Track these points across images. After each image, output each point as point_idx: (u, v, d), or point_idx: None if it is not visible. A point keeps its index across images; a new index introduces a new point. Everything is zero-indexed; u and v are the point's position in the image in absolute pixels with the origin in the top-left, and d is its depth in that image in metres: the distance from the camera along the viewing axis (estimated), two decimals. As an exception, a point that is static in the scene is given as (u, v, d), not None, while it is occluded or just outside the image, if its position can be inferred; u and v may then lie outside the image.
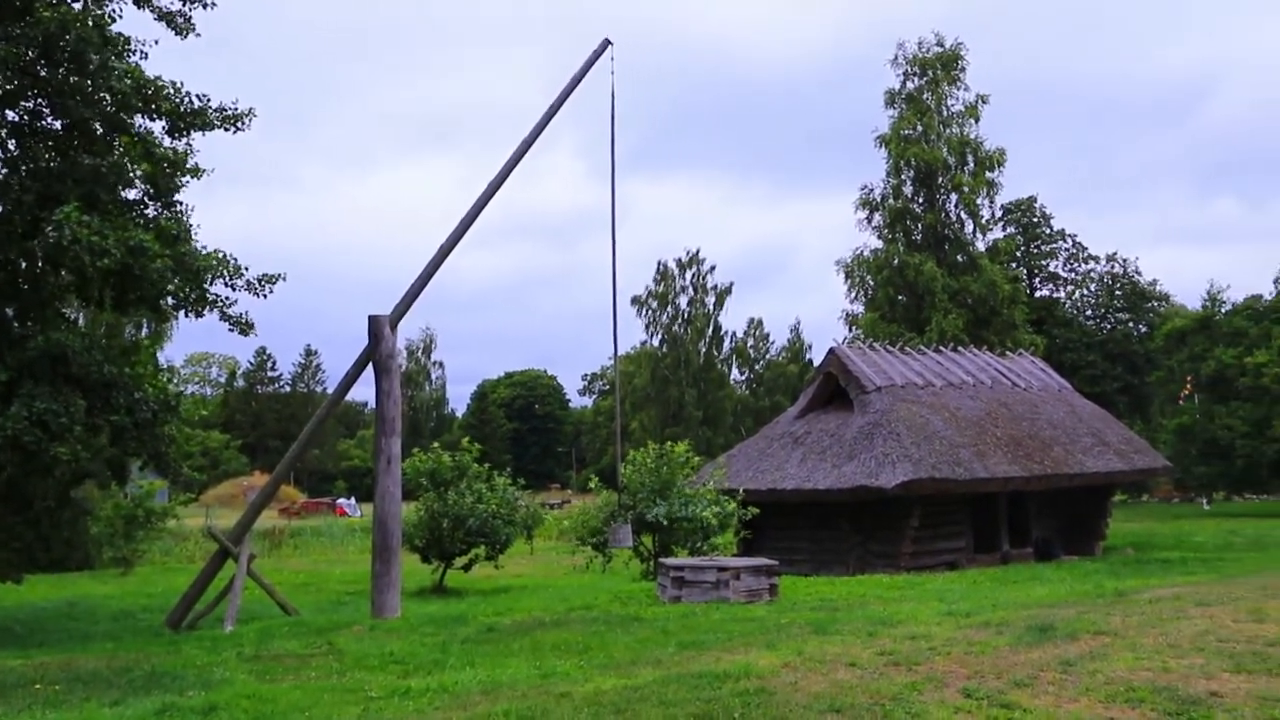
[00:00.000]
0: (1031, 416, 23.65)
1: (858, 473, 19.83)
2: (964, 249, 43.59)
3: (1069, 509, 24.28)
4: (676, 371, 74.87)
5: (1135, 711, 6.11)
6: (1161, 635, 8.58)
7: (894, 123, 43.89)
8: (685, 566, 13.39)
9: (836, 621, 10.41)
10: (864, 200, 44.98)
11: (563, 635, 10.46)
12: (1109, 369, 61.75)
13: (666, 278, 77.54)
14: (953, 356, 25.65)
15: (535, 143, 15.41)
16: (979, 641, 8.62)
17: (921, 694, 6.67)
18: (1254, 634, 8.50)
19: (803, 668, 7.68)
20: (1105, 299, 67.98)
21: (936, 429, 21.06)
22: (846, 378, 22.81)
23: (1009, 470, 20.92)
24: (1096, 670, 7.22)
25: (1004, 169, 43.65)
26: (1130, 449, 24.61)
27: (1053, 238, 68.27)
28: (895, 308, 43.07)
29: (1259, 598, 10.81)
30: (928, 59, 44.05)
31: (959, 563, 20.89)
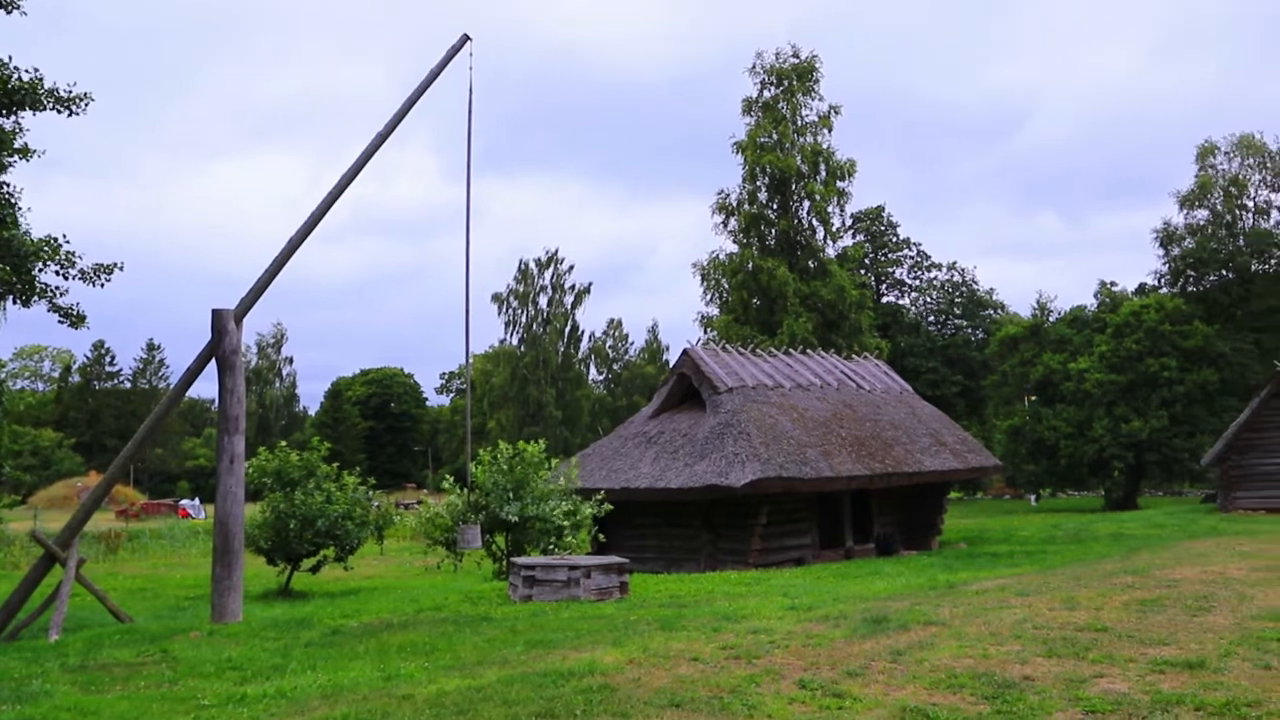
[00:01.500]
0: (875, 418, 24.59)
1: (709, 472, 20.21)
2: (815, 255, 44.92)
3: (909, 506, 25.39)
4: (535, 371, 74.67)
5: (956, 696, 6.47)
6: (984, 624, 9.09)
7: (751, 130, 44.87)
8: (537, 565, 13.40)
9: (683, 618, 10.62)
10: (720, 205, 45.84)
11: (410, 637, 10.33)
12: (948, 373, 64.79)
13: (526, 276, 77.30)
14: (802, 359, 26.43)
15: (390, 137, 15.15)
16: (817, 634, 8.94)
17: (759, 686, 6.89)
18: (1066, 621, 9.11)
19: (647, 664, 7.82)
20: (946, 306, 71.25)
21: (785, 429, 21.67)
22: (700, 378, 23.23)
23: (853, 469, 21.71)
24: (924, 659, 7.60)
25: (854, 179, 45.19)
26: (965, 449, 25.88)
27: (899, 246, 71.18)
28: (749, 310, 44.03)
29: (1072, 587, 11.58)
30: (784, 69, 45.20)
31: (805, 559, 21.54)
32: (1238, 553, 15.47)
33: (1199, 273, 57.42)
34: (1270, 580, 11.55)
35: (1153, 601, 10.11)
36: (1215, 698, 6.15)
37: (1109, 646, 7.84)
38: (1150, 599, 10.28)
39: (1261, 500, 31.35)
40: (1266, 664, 7.07)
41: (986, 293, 71.88)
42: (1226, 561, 13.99)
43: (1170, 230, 58.96)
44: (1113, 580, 12.13)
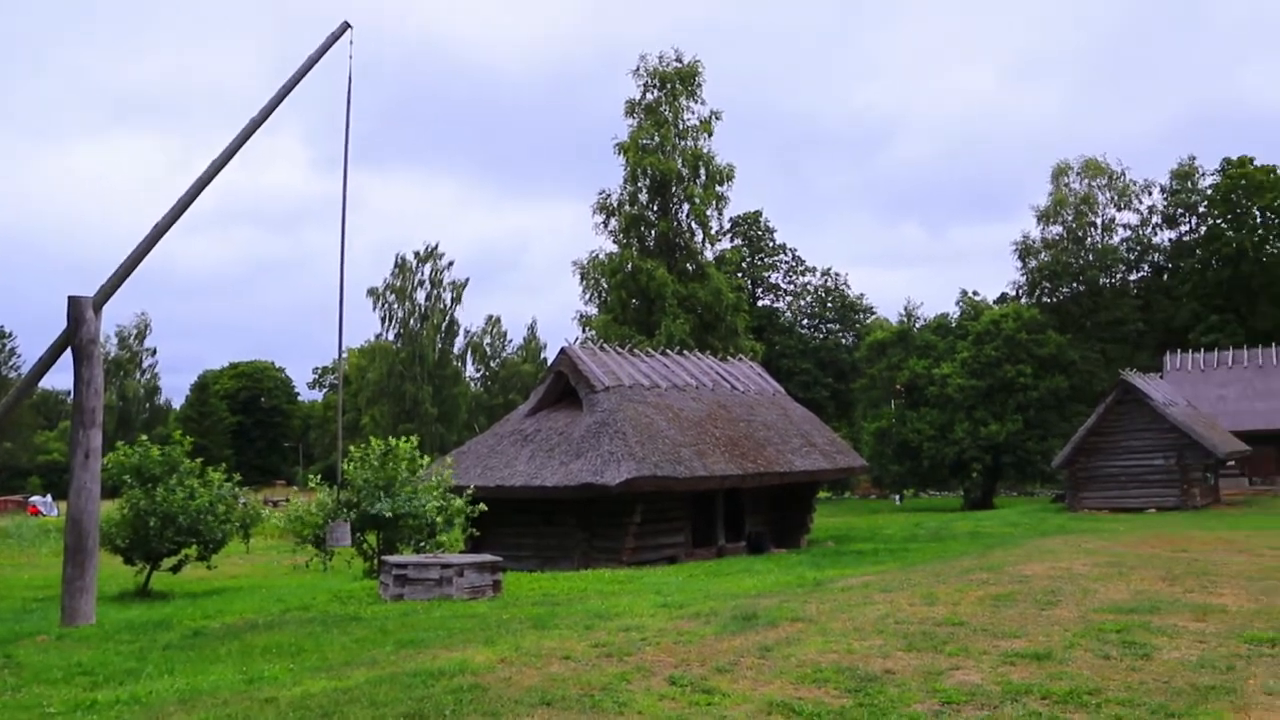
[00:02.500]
0: (748, 418, 25.05)
1: (584, 470, 20.24)
2: (694, 257, 45.50)
3: (779, 505, 25.95)
4: (411, 367, 73.45)
5: (821, 690, 6.66)
6: (849, 620, 9.38)
7: (633, 132, 45.14)
8: (408, 564, 13.20)
9: (556, 616, 10.62)
10: (601, 205, 45.98)
11: (275, 638, 10.04)
12: (820, 375, 66.53)
13: (404, 271, 75.96)
14: (679, 360, 26.73)
15: (264, 124, 14.69)
16: (688, 631, 9.07)
17: (630, 683, 6.95)
18: (925, 616, 9.48)
19: (518, 663, 7.80)
20: (819, 310, 73.12)
21: (661, 429, 21.88)
22: (577, 377, 23.24)
23: (726, 469, 22.07)
24: (791, 654, 7.80)
25: (733, 183, 45.99)
26: (834, 450, 26.62)
27: (775, 251, 72.71)
28: (627, 311, 44.28)
29: (932, 584, 12.05)
30: (667, 72, 45.60)
31: (678, 556, 21.78)
32: (1083, 550, 16.32)
33: (1053, 285, 60.60)
34: (1111, 576, 12.24)
35: (1005, 596, 10.60)
36: (1060, 687, 6.51)
37: (965, 640, 8.19)
38: (1003, 594, 10.78)
39: (1105, 500, 33.20)
40: (1106, 654, 7.50)
41: (858, 298, 74.13)
42: (1073, 558, 14.75)
43: (1028, 244, 62.07)
44: (969, 577, 12.66)
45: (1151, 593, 10.69)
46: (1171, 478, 32.52)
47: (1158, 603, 9.92)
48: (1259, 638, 8.04)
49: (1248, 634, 8.21)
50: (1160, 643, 7.91)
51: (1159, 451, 32.84)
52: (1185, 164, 62.06)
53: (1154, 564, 13.50)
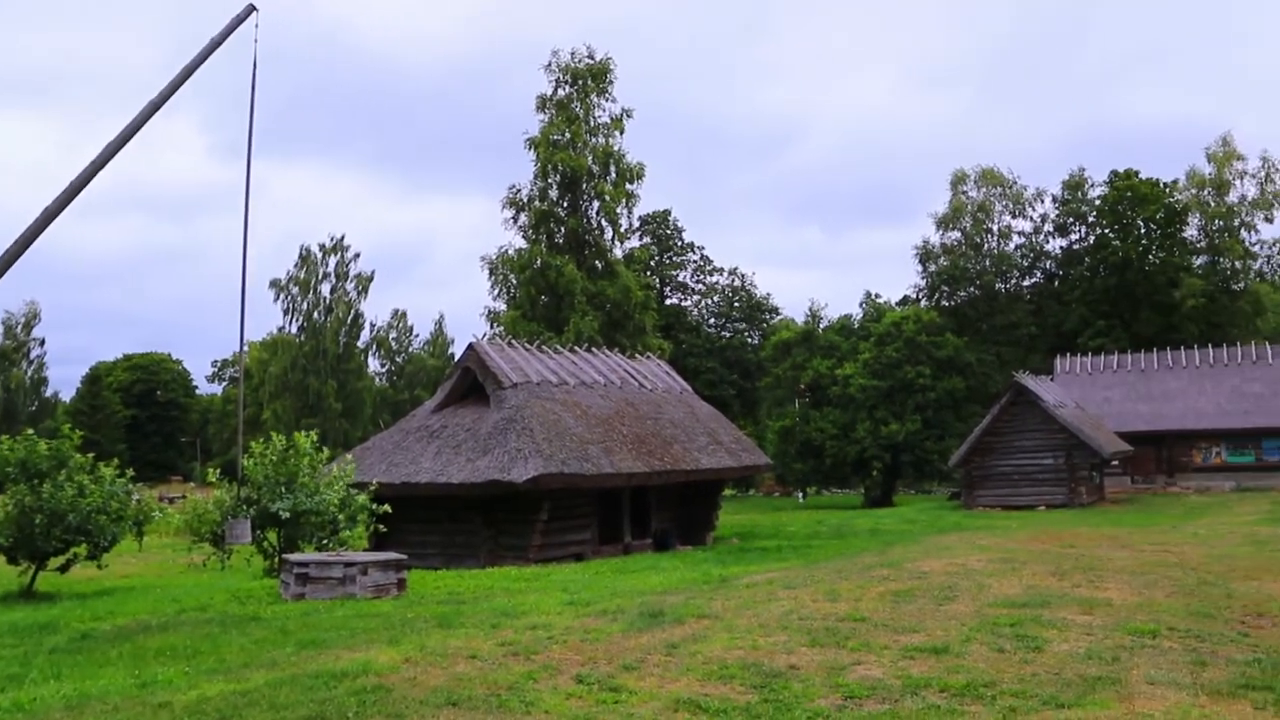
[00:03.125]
0: (655, 416, 25.18)
1: (491, 467, 20.09)
2: (603, 255, 45.59)
3: (685, 502, 26.14)
4: (315, 361, 71.89)
5: (727, 687, 6.74)
6: (754, 616, 9.51)
7: (544, 127, 45.00)
8: (310, 562, 12.92)
9: (462, 615, 10.52)
10: (511, 200, 45.74)
11: (170, 639, 9.72)
12: (726, 374, 67.25)
13: (308, 263, 74.29)
14: (587, 357, 26.72)
15: (163, 107, 14.18)
16: (595, 629, 9.08)
17: (537, 682, 6.93)
18: (829, 611, 9.66)
19: (424, 662, 7.70)
20: (726, 309, 73.90)
21: (568, 426, 21.84)
22: (484, 373, 23.05)
23: (633, 466, 22.14)
24: (697, 651, 7.87)
25: (643, 182, 46.22)
26: (740, 448, 26.93)
27: (683, 250, 73.23)
28: (536, 307, 44.16)
29: (834, 580, 12.29)
30: (579, 69, 45.57)
31: (585, 554, 21.78)
32: (978, 546, 16.83)
33: (951, 289, 62.43)
34: (1004, 571, 12.66)
35: (905, 592, 10.87)
36: (957, 679, 6.71)
37: (866, 635, 8.38)
38: (903, 590, 11.06)
39: (998, 498, 34.33)
40: (1000, 647, 7.76)
41: (764, 298, 75.14)
42: (968, 555, 15.19)
43: (928, 249, 63.85)
44: (870, 573, 12.95)
45: (1042, 587, 11.09)
46: (1060, 476, 33.78)
47: (1048, 597, 10.29)
48: (1141, 629, 8.41)
49: (1131, 626, 8.58)
50: (1050, 635, 8.22)
51: (1049, 451, 34.08)
52: (1075, 175, 64.54)
53: (1044, 560, 14.00)
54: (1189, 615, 9.21)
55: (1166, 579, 11.77)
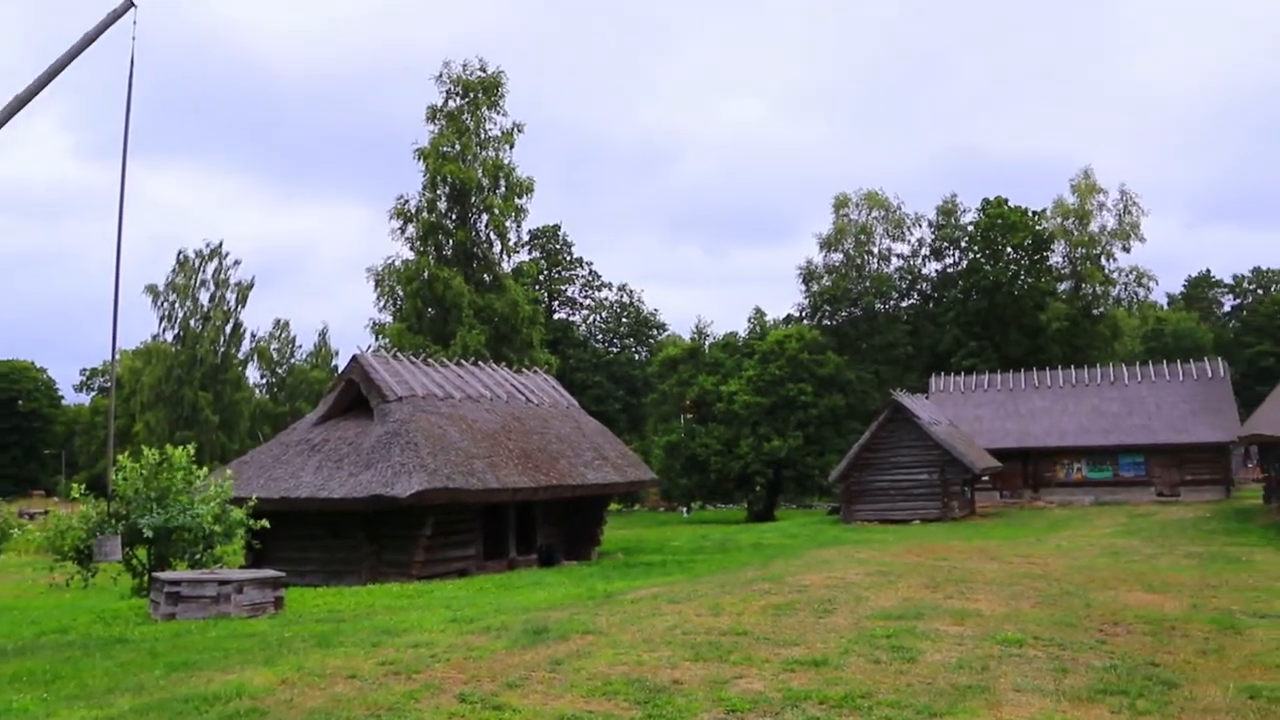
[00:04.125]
0: (542, 431, 25.11)
1: (374, 482, 19.71)
2: (491, 268, 45.29)
3: (571, 517, 26.10)
4: (191, 371, 69.21)
5: (611, 703, 6.76)
6: (638, 631, 9.55)
7: (434, 138, 44.53)
8: (182, 580, 12.45)
9: (341, 633, 10.28)
10: (399, 210, 45.05)
11: (27, 664, 9.22)
12: (613, 389, 67.50)
13: (186, 269, 71.53)
14: (473, 370, 26.48)
15: (30, 102, 13.52)
16: (479, 646, 8.99)
17: (419, 702, 6.83)
18: (712, 626, 9.78)
19: (301, 684, 7.50)
20: (614, 325, 74.22)
21: (453, 440, 21.60)
22: (369, 386, 22.63)
23: (519, 481, 22.01)
24: (581, 667, 7.87)
25: (532, 196, 46.10)
26: (625, 463, 27.05)
27: (572, 265, 73.30)
28: (423, 319, 43.55)
29: (718, 594, 12.44)
30: (471, 81, 45.27)
31: (469, 570, 21.53)
32: (856, 560, 17.25)
33: (833, 308, 64.08)
34: (881, 584, 13.02)
35: (786, 606, 11.07)
36: (836, 691, 6.88)
37: (748, 649, 8.51)
38: (784, 603, 11.26)
39: (876, 513, 35.29)
40: (877, 659, 7.99)
41: (651, 314, 75.73)
42: (847, 568, 15.56)
43: (811, 269, 65.41)
44: (753, 587, 13.15)
45: (917, 600, 11.44)
46: (934, 491, 34.94)
47: (922, 609, 10.63)
48: (1009, 639, 8.77)
49: (999, 636, 8.94)
50: (924, 646, 8.49)
51: (924, 467, 35.22)
52: (949, 201, 67.16)
53: (919, 573, 14.44)
54: (1052, 625, 9.64)
55: (1032, 590, 12.29)
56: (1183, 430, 41.94)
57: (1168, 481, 41.77)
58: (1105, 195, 61.30)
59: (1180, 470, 41.80)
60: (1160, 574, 14.69)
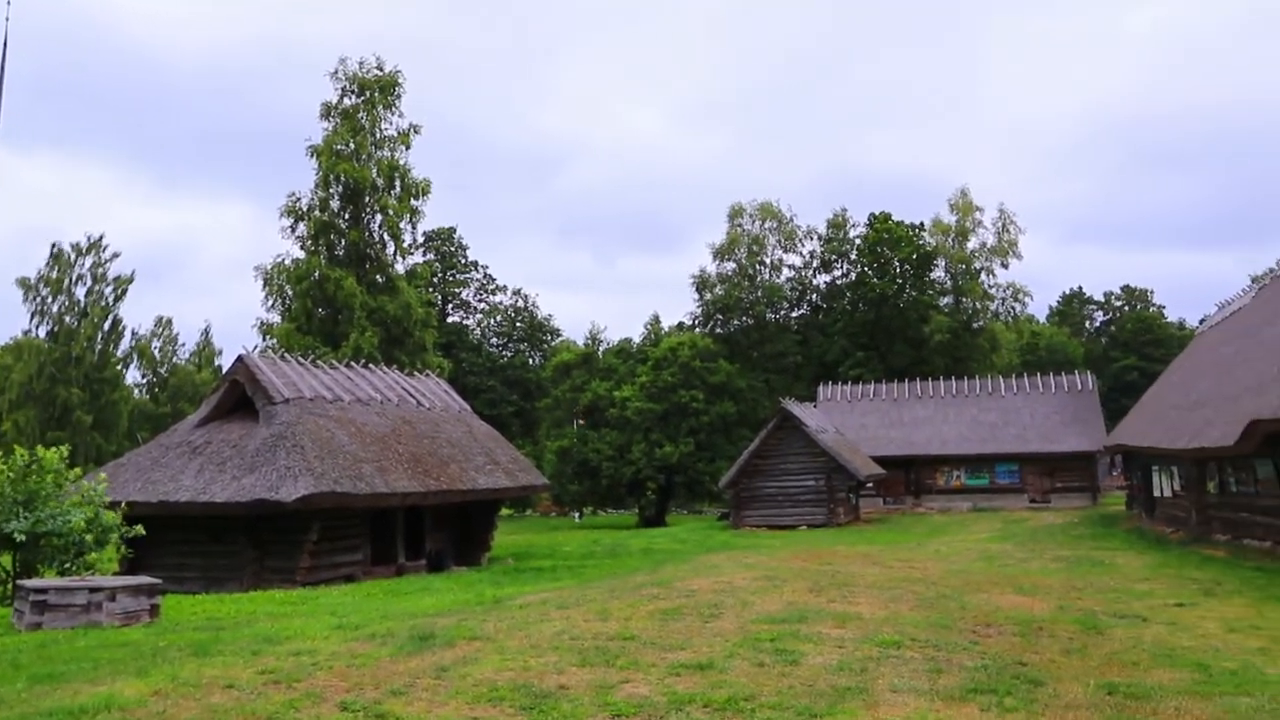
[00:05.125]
0: (433, 435, 24.82)
1: (258, 485, 19.21)
2: (384, 269, 44.52)
3: (461, 522, 25.87)
4: (65, 368, 65.99)
5: (496, 709, 6.74)
6: (526, 637, 9.55)
7: (328, 136, 43.58)
8: (49, 588, 11.90)
9: (220, 642, 10.00)
10: (290, 208, 43.93)
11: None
12: (506, 393, 67.07)
13: (60, 262, 68.20)
14: (364, 373, 26.03)
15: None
16: (363, 653, 8.86)
17: (299, 711, 6.70)
18: (599, 631, 9.84)
19: (175, 695, 7.27)
20: (509, 329, 73.77)
21: (342, 443, 21.20)
22: (254, 387, 22.04)
23: (408, 485, 21.73)
24: (467, 674, 7.83)
25: (428, 198, 45.47)
26: (517, 468, 26.94)
27: (467, 268, 72.61)
28: (313, 320, 42.54)
29: (606, 599, 12.51)
30: (367, 80, 44.47)
31: (356, 576, 21.15)
32: (743, 565, 17.56)
33: (726, 317, 65.02)
34: (768, 589, 13.29)
35: (674, 610, 11.21)
36: (720, 695, 7.00)
37: (635, 653, 8.59)
38: (672, 608, 11.40)
39: (764, 518, 35.92)
40: (761, 662, 8.16)
41: (546, 319, 75.54)
42: (734, 573, 15.83)
43: (704, 278, 66.23)
44: (641, 592, 13.26)
45: (801, 603, 11.72)
46: (821, 498, 35.76)
47: (805, 612, 10.90)
48: (887, 641, 9.07)
49: (879, 638, 9.23)
50: (807, 649, 8.71)
51: (811, 474, 36.01)
52: (839, 214, 68.94)
53: (803, 577, 14.79)
54: (929, 626, 9.99)
55: (910, 593, 12.71)
56: (1054, 440, 43.87)
57: (1039, 489, 43.61)
58: (982, 213, 63.87)
59: (1051, 478, 43.71)
60: (1031, 577, 15.34)
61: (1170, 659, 8.42)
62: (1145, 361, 72.52)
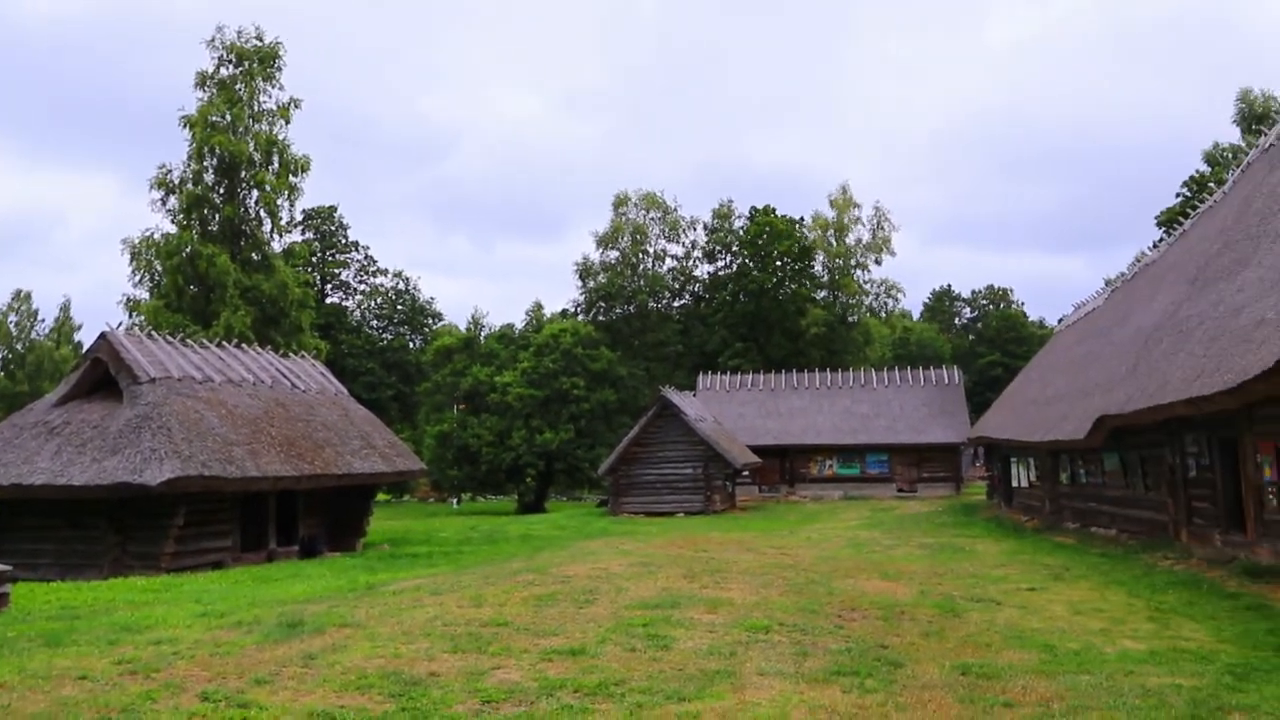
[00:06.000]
0: (307, 418, 24.24)
1: (120, 468, 18.45)
2: (260, 247, 43.10)
3: (336, 507, 25.35)
4: (-95, 343, 61.99)
5: (364, 697, 6.68)
6: (398, 624, 9.47)
7: (202, 106, 41.83)
8: (-118, 577, 11.23)
9: (75, 631, 9.60)
10: (160, 181, 42.05)
11: None
12: (385, 377, 65.85)
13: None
14: (236, 353, 25.22)
15: None
16: (227, 642, 8.65)
17: (156, 703, 6.51)
18: (473, 617, 9.82)
19: (22, 687, 6.96)
20: (389, 311, 72.39)
21: (211, 425, 20.53)
22: (118, 365, 21.11)
23: (281, 469, 21.18)
24: (336, 661, 7.73)
25: (308, 175, 44.17)
26: (394, 452, 26.52)
27: (347, 248, 70.91)
28: (183, 298, 40.89)
29: (481, 585, 12.49)
30: (245, 50, 42.85)
31: (225, 562, 20.54)
32: (620, 551, 17.73)
33: (608, 305, 65.27)
34: (642, 575, 13.46)
35: (548, 596, 11.27)
36: (591, 679, 7.10)
37: (508, 640, 8.62)
38: (546, 594, 11.46)
39: (643, 505, 36.26)
40: (633, 647, 8.29)
41: (428, 302, 74.41)
42: (611, 559, 15.98)
43: (588, 265, 66.32)
44: (517, 578, 13.28)
45: (674, 589, 11.92)
46: (698, 485, 36.30)
47: (679, 598, 11.09)
48: (756, 625, 9.31)
49: (748, 623, 9.47)
50: (678, 634, 8.88)
51: (689, 462, 36.51)
52: (724, 205, 69.97)
53: (678, 563, 15.03)
54: (797, 611, 10.30)
55: (781, 579, 13.05)
56: (922, 432, 45.52)
57: (907, 478, 45.22)
58: (860, 210, 65.68)
59: (918, 468, 45.37)
60: (896, 563, 15.94)
61: (1020, 640, 8.88)
62: (1008, 358, 75.82)
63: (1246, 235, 16.22)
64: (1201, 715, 6.23)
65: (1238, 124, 46.42)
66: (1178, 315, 17.18)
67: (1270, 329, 11.84)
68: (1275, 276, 13.13)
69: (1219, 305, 14.99)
